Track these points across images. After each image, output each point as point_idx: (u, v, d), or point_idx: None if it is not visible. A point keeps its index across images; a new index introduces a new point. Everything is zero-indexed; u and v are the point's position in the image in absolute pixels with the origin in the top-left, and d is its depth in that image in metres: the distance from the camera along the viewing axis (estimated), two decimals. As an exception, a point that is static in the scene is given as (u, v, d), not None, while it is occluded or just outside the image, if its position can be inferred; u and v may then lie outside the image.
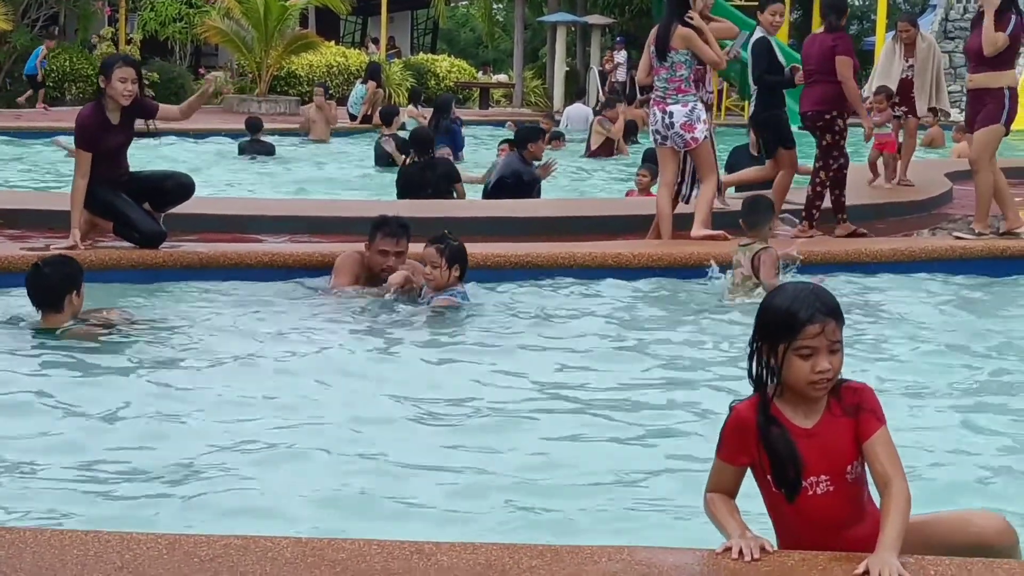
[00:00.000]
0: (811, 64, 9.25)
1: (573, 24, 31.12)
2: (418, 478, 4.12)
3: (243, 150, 16.43)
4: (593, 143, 17.18)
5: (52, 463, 4.16)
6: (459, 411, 4.92)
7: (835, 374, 3.00)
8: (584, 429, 4.74)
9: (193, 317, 6.50)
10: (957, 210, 11.00)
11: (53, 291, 5.81)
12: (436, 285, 6.70)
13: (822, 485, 2.99)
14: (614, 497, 3.99)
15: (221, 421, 4.67)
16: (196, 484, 4.01)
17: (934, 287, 7.80)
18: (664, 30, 8.65)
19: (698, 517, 3.27)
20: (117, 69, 7.47)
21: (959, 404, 5.12)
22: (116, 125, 7.53)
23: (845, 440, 2.99)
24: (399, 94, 28.06)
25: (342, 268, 7.08)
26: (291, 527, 3.55)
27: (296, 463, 4.23)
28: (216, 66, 31.65)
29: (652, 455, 4.45)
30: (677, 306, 7.12)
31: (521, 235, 8.77)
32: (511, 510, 3.87)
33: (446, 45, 48.16)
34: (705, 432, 4.67)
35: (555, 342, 6.13)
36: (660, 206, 8.77)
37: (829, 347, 2.97)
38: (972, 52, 8.78)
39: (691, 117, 8.60)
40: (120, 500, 3.85)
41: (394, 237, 6.98)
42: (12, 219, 8.80)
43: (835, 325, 2.99)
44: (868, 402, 3.01)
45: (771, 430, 3.01)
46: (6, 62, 25.59)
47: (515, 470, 4.21)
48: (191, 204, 8.06)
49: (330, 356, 5.74)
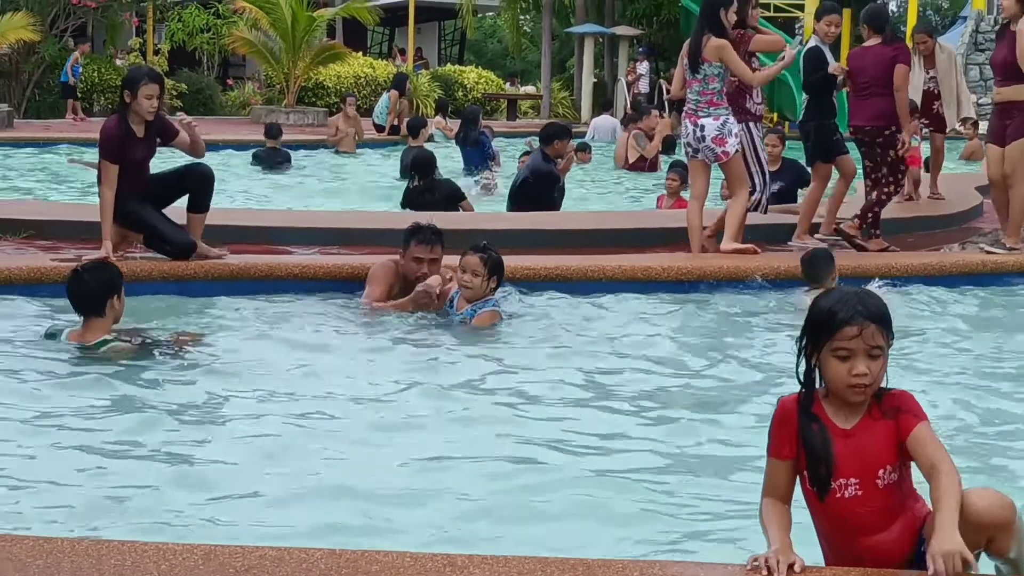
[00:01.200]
0: (865, 77, 9.03)
1: (600, 35, 31.15)
2: (450, 491, 4.12)
3: (258, 157, 16.42)
4: (630, 156, 17.04)
5: (89, 475, 4.19)
6: (489, 425, 4.92)
7: (874, 380, 2.98)
8: (615, 442, 4.74)
9: (224, 329, 6.53)
10: (988, 224, 10.94)
11: (95, 296, 5.85)
12: (473, 295, 6.71)
13: (851, 488, 3.00)
14: (644, 511, 3.99)
15: (253, 435, 4.70)
16: (229, 495, 4.03)
17: (965, 301, 7.76)
18: (696, 41, 8.64)
19: (732, 531, 3.27)
20: (143, 86, 7.47)
21: (988, 418, 5.10)
22: (141, 138, 7.57)
23: (881, 443, 2.99)
24: (426, 105, 28.14)
25: (376, 277, 7.11)
26: (324, 539, 3.56)
27: (328, 476, 4.24)
28: (244, 77, 31.85)
29: (681, 467, 4.45)
30: (707, 319, 7.11)
31: (551, 247, 8.78)
32: (541, 523, 3.87)
33: (473, 56, 48.28)
34: (736, 444, 4.68)
35: (584, 354, 6.14)
36: (690, 219, 8.74)
37: (867, 351, 2.96)
38: (998, 65, 8.74)
39: (722, 131, 8.58)
40: (155, 511, 3.87)
41: (428, 244, 7.01)
42: (43, 230, 8.86)
43: (875, 329, 2.97)
44: (908, 404, 3.01)
45: (810, 426, 3.03)
46: (34, 72, 25.82)
47: (545, 483, 4.21)
48: (220, 216, 8.07)
49: (362, 369, 5.76)
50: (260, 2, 24.97)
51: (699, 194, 8.82)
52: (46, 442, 4.53)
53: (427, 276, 6.91)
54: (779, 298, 7.63)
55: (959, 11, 33.83)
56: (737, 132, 8.66)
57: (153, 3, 29.86)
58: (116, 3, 26.65)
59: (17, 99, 25.75)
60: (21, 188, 14.01)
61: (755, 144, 9.00)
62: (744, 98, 8.84)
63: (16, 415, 4.83)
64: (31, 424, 4.75)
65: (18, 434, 4.61)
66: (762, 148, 9.13)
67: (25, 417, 4.82)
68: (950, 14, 47.17)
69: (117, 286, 5.92)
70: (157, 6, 30.32)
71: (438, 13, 41.00)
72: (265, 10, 24.88)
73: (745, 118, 8.87)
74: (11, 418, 4.79)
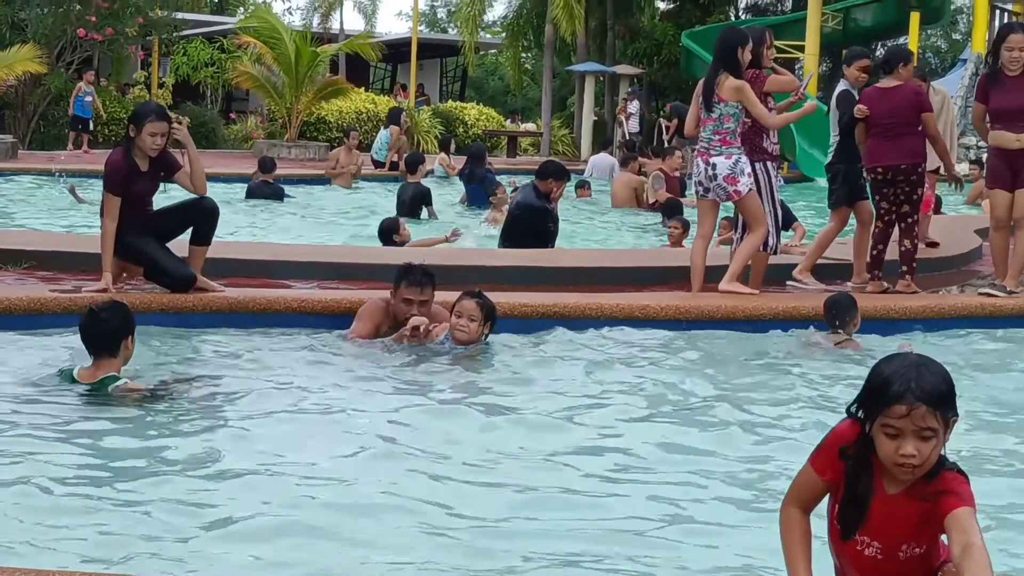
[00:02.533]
0: (894, 116, 8.93)
1: (601, 74, 31.33)
2: (451, 528, 4.11)
3: (251, 192, 16.34)
4: (648, 197, 16.47)
5: (84, 508, 4.19)
6: (489, 463, 4.91)
7: (924, 461, 2.83)
8: (615, 480, 4.72)
9: (222, 363, 6.52)
10: (987, 267, 10.94)
11: (112, 336, 5.76)
12: (468, 339, 6.70)
13: (872, 549, 2.94)
14: (646, 547, 3.98)
15: (249, 470, 4.69)
16: (220, 530, 4.01)
17: (963, 344, 7.75)
18: (711, 80, 8.61)
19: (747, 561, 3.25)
20: (148, 123, 7.48)
21: (987, 464, 5.08)
22: (144, 172, 7.59)
23: (909, 519, 2.91)
24: (427, 141, 28.26)
25: (364, 315, 7.09)
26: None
27: (325, 512, 4.23)
28: (247, 111, 32.00)
29: (680, 505, 4.43)
30: (703, 359, 7.10)
31: (548, 285, 8.79)
32: (547, 564, 3.85)
33: (474, 93, 48.50)
34: (734, 483, 4.67)
35: (581, 392, 6.13)
36: (694, 259, 8.73)
37: (917, 432, 2.81)
38: (1013, 112, 8.70)
39: (734, 170, 8.55)
40: (147, 546, 3.85)
41: (419, 286, 6.96)
42: (44, 261, 8.87)
43: (926, 411, 2.80)
44: (954, 486, 2.87)
45: (859, 470, 2.92)
46: (40, 104, 25.93)
47: (549, 520, 4.20)
48: (220, 249, 8.08)
49: (356, 406, 5.75)
50: (264, 37, 25.16)
51: (705, 234, 8.81)
52: (52, 478, 4.50)
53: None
54: (780, 338, 7.62)
55: (959, 54, 34.02)
56: (749, 172, 8.62)
57: (158, 37, 30.04)
58: (122, 36, 26.82)
59: (22, 130, 25.86)
60: (23, 218, 14.03)
61: (771, 184, 8.91)
62: (760, 137, 8.80)
63: (10, 448, 4.82)
64: (24, 456, 4.73)
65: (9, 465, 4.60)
66: (777, 189, 9.06)
67: (19, 451, 4.80)
68: (949, 57, 47.45)
69: (131, 326, 5.85)
70: (162, 40, 30.50)
71: (440, 50, 41.25)
72: (269, 45, 25.06)
73: (762, 157, 8.83)
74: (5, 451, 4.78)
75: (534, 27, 33.72)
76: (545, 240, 10.80)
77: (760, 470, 4.89)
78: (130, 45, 28.39)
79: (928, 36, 45.36)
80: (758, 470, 4.89)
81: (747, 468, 4.91)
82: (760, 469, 4.90)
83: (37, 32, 25.57)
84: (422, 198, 15.00)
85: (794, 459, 4.08)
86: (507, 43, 35.41)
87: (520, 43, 34.89)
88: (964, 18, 47.19)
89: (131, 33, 27.28)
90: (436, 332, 6.82)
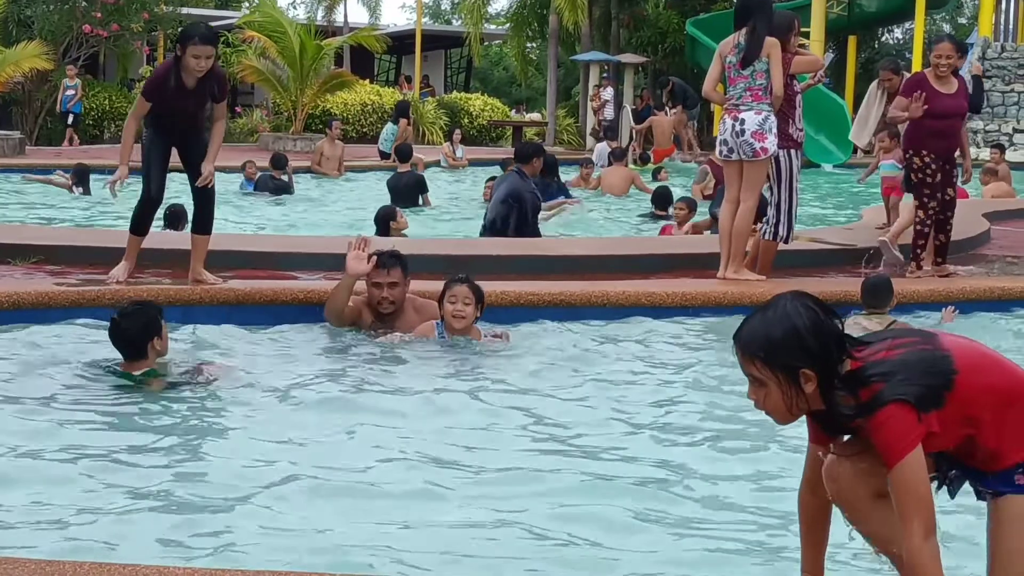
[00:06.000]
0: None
1: (606, 63, 31.27)
2: (463, 522, 4.12)
3: (260, 185, 16.48)
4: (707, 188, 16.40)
5: (98, 498, 4.22)
6: (498, 453, 4.92)
7: (764, 408, 2.85)
8: (622, 468, 4.73)
9: (230, 355, 6.53)
10: (995, 251, 10.93)
11: (135, 342, 5.79)
12: (466, 324, 6.71)
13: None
14: (651, 539, 3.98)
15: (257, 460, 4.70)
16: (233, 519, 4.03)
17: (972, 328, 7.73)
18: (758, 37, 8.43)
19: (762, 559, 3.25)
20: (192, 46, 7.37)
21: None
22: (190, 89, 7.52)
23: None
24: (432, 132, 28.24)
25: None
26: (328, 563, 3.55)
27: (333, 501, 4.24)
28: (252, 104, 32.00)
29: (692, 496, 4.44)
30: (711, 345, 7.10)
31: (553, 273, 8.79)
32: (546, 555, 3.86)
33: (479, 84, 48.48)
34: (744, 471, 4.67)
35: (589, 380, 6.14)
36: (722, 223, 8.70)
37: (750, 378, 2.85)
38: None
39: (763, 127, 8.45)
40: (158, 535, 3.87)
41: (384, 267, 6.89)
42: (51, 255, 8.89)
43: (743, 358, 2.84)
44: (876, 436, 2.87)
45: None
46: (47, 100, 25.97)
47: (550, 515, 4.21)
48: (224, 241, 8.08)
49: (369, 395, 5.77)
50: (269, 31, 25.13)
51: (733, 198, 8.67)
52: (59, 468, 4.53)
53: (388, 301, 6.87)
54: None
55: (965, 38, 33.92)
56: (776, 133, 8.51)
57: (164, 32, 30.06)
58: (127, 32, 26.86)
59: (29, 126, 25.90)
60: (29, 212, 14.07)
61: (792, 172, 8.83)
62: (787, 123, 8.70)
63: (29, 437, 4.84)
64: (39, 443, 4.75)
65: (19, 454, 4.61)
66: (798, 178, 8.98)
67: (35, 438, 4.82)
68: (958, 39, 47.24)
69: (157, 327, 5.83)
70: (168, 35, 30.51)
71: (445, 41, 41.23)
72: (274, 39, 25.03)
73: (787, 144, 8.73)
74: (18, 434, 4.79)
75: (538, 17, 33.66)
76: (535, 228, 10.64)
77: (772, 453, 4.89)
78: (135, 41, 28.40)
79: (934, 21, 45.17)
80: (771, 453, 4.89)
81: (756, 446, 4.92)
82: (772, 453, 4.90)
83: (43, 29, 25.61)
84: (418, 186, 15.14)
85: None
86: (511, 33, 35.32)
87: (524, 33, 34.82)
88: (970, 2, 47.01)
89: (136, 29, 27.32)
90: (426, 329, 6.76)
